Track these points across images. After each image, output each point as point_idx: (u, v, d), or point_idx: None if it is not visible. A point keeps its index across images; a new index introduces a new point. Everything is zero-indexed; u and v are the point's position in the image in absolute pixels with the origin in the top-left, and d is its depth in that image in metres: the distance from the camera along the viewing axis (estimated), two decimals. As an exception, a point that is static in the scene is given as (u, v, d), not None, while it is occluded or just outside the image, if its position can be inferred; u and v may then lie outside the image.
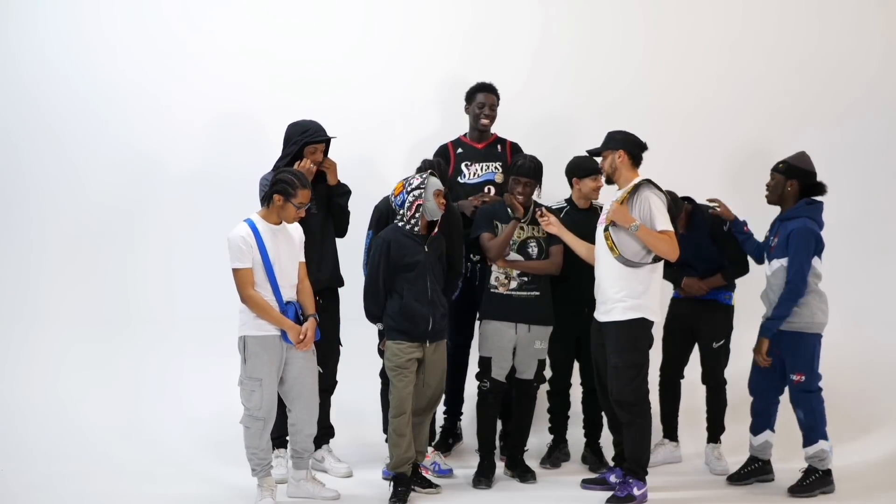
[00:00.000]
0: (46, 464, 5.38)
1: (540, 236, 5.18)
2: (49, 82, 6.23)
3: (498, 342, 5.13)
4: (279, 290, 4.67)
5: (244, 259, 4.60)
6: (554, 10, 6.43)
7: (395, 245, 4.84)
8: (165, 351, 6.15)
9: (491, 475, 5.18)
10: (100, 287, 6.20)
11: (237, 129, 6.23)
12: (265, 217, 4.70)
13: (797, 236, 4.97)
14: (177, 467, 5.37)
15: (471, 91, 5.63)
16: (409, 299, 4.85)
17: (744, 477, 5.25)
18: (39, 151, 6.23)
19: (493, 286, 5.16)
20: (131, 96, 6.24)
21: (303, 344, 4.70)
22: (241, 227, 4.66)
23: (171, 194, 6.24)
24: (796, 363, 5.04)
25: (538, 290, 5.15)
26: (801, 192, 5.10)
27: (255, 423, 4.69)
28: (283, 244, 4.72)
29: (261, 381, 4.66)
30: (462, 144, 5.66)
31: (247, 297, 4.63)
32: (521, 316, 5.12)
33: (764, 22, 6.49)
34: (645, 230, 4.76)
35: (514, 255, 5.15)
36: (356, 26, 6.38)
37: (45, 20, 6.23)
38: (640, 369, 4.85)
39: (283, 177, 4.68)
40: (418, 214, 4.84)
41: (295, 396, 4.80)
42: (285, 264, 4.71)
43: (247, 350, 4.68)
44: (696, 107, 6.41)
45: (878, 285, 6.36)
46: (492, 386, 5.16)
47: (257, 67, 6.28)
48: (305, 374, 4.79)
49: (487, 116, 5.59)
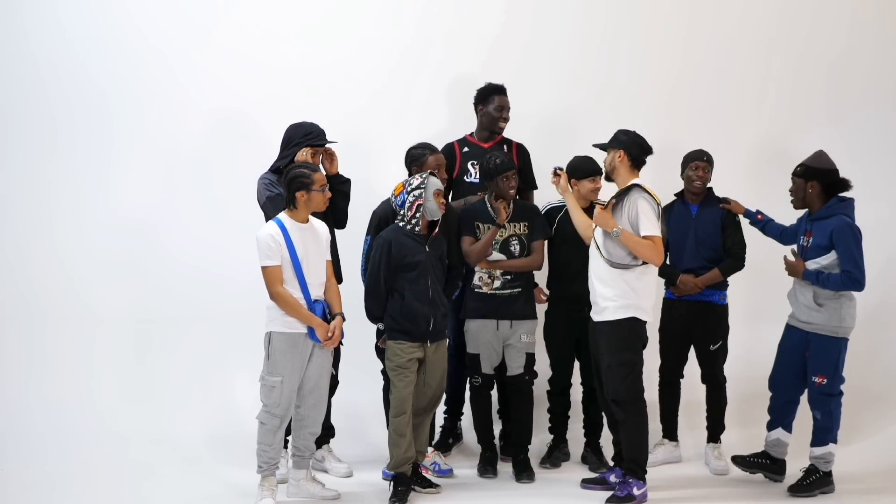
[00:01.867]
0: (46, 464, 5.38)
1: (521, 234, 5.23)
2: (47, 83, 6.21)
3: (483, 338, 5.20)
4: (307, 288, 4.71)
5: (273, 257, 4.65)
6: (559, 9, 6.42)
7: (395, 245, 4.85)
8: (167, 350, 6.13)
9: (495, 463, 5.31)
10: (101, 286, 6.19)
11: (240, 129, 6.21)
12: (293, 216, 4.74)
13: (841, 233, 4.93)
14: (177, 466, 5.37)
15: (486, 92, 5.60)
16: (411, 299, 4.85)
17: (749, 464, 5.23)
18: (44, 151, 6.21)
19: (477, 286, 5.22)
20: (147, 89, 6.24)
21: (330, 342, 4.74)
22: (269, 225, 4.72)
23: (183, 191, 6.22)
24: (820, 365, 5.01)
25: (520, 287, 5.22)
26: (825, 191, 5.05)
27: (271, 420, 4.72)
28: (311, 242, 4.76)
29: (282, 378, 4.69)
30: (468, 143, 5.64)
31: (276, 295, 4.66)
32: (502, 313, 5.19)
33: (795, 20, 6.48)
34: (627, 235, 4.77)
35: (496, 255, 5.20)
36: (361, 26, 6.36)
37: (40, 20, 6.21)
38: (633, 368, 4.86)
39: (295, 173, 4.72)
40: (419, 214, 4.84)
41: (307, 393, 4.83)
42: (313, 262, 4.75)
43: (272, 346, 4.71)
44: (704, 107, 6.40)
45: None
46: (483, 381, 5.27)
47: (261, 67, 6.26)
48: (322, 373, 4.84)
49: (505, 119, 5.58)
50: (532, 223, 5.26)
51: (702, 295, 5.43)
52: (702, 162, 5.43)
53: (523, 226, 5.24)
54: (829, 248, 4.97)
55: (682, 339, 5.54)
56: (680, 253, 5.45)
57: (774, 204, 5.53)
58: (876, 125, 6.45)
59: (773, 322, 5.39)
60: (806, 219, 5.14)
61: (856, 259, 4.92)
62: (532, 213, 5.32)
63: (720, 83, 6.44)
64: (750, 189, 5.97)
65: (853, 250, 4.93)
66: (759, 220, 5.42)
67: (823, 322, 4.99)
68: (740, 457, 5.28)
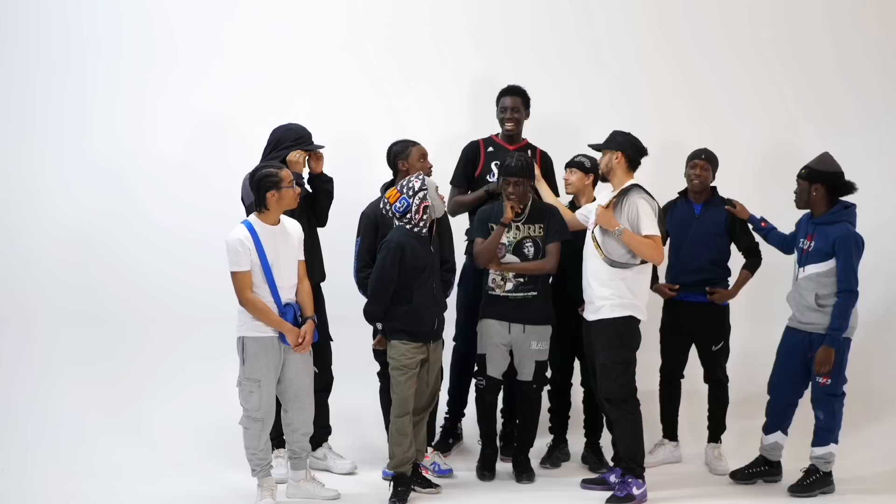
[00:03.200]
0: (46, 464, 5.38)
1: (536, 236, 5.13)
2: (43, 83, 6.23)
3: (491, 339, 5.13)
4: (278, 293, 4.67)
5: (242, 262, 4.60)
6: (563, 10, 6.45)
7: (409, 249, 4.77)
8: (166, 351, 6.15)
9: (494, 461, 5.26)
10: (100, 287, 6.20)
11: (243, 128, 6.22)
12: (263, 219, 4.68)
13: (844, 243, 4.92)
14: (177, 468, 5.37)
15: (498, 95, 5.61)
16: (419, 302, 4.82)
17: (748, 476, 5.24)
18: (38, 153, 6.23)
19: (491, 287, 5.14)
20: (124, 97, 6.26)
21: (301, 347, 4.71)
22: (238, 229, 4.65)
23: (170, 192, 6.24)
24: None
25: (535, 290, 5.11)
26: (829, 194, 5.03)
27: (253, 424, 4.70)
28: (282, 245, 4.71)
29: (259, 381, 4.66)
30: (493, 143, 5.61)
31: (245, 301, 4.62)
32: (515, 316, 5.09)
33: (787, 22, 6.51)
34: (629, 235, 4.78)
35: (509, 257, 5.10)
36: (380, 27, 6.40)
37: (27, 20, 6.22)
38: (628, 366, 4.87)
39: (262, 174, 4.64)
40: (426, 216, 4.81)
41: (291, 397, 4.81)
42: (284, 265, 4.70)
43: (245, 351, 4.68)
44: (706, 107, 6.41)
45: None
46: (488, 383, 5.17)
47: (271, 68, 6.28)
48: (302, 375, 4.80)
49: (511, 119, 5.54)
50: (548, 225, 5.13)
51: (703, 296, 5.41)
52: (700, 160, 5.42)
53: (538, 227, 5.12)
54: (830, 254, 4.96)
55: (684, 339, 5.53)
56: (679, 250, 5.45)
57: (775, 204, 5.54)
58: (878, 127, 6.45)
59: (773, 323, 5.39)
60: (807, 221, 5.11)
61: (853, 272, 4.92)
62: (548, 215, 5.16)
63: (723, 84, 6.44)
64: (752, 189, 5.98)
65: (853, 262, 4.93)
66: (762, 227, 5.39)
67: (826, 323, 4.98)
68: (738, 471, 5.27)
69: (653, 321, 5.27)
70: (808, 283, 5.01)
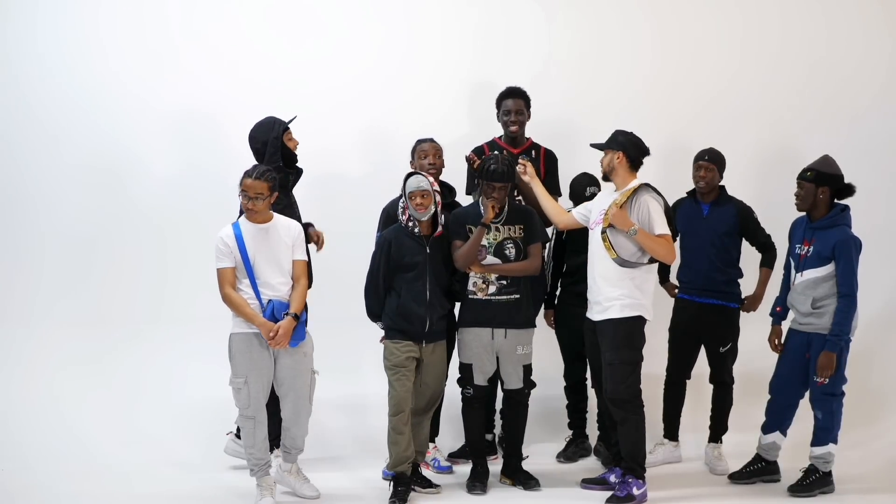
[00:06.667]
0: (46, 464, 5.38)
1: (517, 237, 5.00)
2: (42, 84, 6.24)
3: (476, 348, 5.01)
4: (258, 289, 4.72)
5: (224, 259, 4.71)
6: (568, 11, 6.46)
7: (395, 244, 4.87)
8: (165, 351, 6.15)
9: (485, 479, 5.11)
10: (99, 287, 6.21)
11: (243, 128, 6.21)
12: (251, 218, 4.76)
13: (844, 247, 4.92)
14: (177, 467, 5.38)
15: (498, 98, 5.60)
16: (407, 299, 4.87)
17: (746, 476, 5.25)
18: (34, 153, 6.23)
19: (472, 291, 4.98)
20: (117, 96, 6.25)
21: (273, 342, 4.69)
22: (224, 228, 4.77)
23: (164, 194, 6.24)
24: None
25: (518, 293, 4.99)
26: (831, 196, 5.03)
27: (246, 423, 4.75)
28: (265, 244, 4.74)
29: (245, 378, 4.70)
30: (497, 147, 5.60)
31: (224, 296, 4.73)
32: (498, 321, 4.96)
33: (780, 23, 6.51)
34: (643, 234, 4.78)
35: (490, 259, 4.96)
36: (378, 31, 6.39)
37: (17, 22, 6.23)
38: (635, 367, 4.87)
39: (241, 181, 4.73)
40: (408, 217, 4.88)
41: (283, 394, 4.84)
42: (265, 263, 4.73)
43: (232, 348, 4.74)
44: (707, 107, 6.41)
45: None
46: (475, 392, 5.07)
47: (271, 68, 6.29)
48: (294, 374, 4.81)
49: (515, 122, 5.53)
50: (528, 226, 5.03)
51: (713, 299, 5.40)
52: (704, 162, 5.41)
53: (518, 228, 5.00)
54: (829, 259, 4.96)
55: (692, 340, 5.52)
56: (687, 250, 5.45)
57: (775, 204, 5.53)
58: (879, 129, 6.44)
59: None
60: (805, 226, 5.10)
61: (852, 276, 4.92)
62: (527, 216, 5.06)
63: (725, 84, 6.44)
64: (754, 189, 5.98)
65: (853, 266, 4.93)
66: (777, 311, 5.29)
67: (825, 324, 4.98)
68: (736, 473, 5.28)
69: (660, 322, 5.25)
70: (805, 289, 5.01)
